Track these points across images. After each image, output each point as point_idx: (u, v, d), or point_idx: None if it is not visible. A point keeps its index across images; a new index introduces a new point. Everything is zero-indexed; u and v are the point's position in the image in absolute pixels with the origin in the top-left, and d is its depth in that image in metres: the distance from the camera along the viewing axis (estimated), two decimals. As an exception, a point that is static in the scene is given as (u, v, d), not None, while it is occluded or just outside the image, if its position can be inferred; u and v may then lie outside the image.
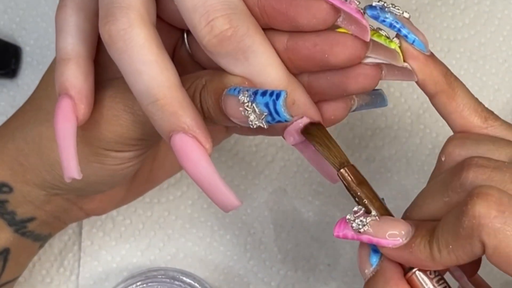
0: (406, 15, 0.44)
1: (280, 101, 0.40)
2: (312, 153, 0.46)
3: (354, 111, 0.48)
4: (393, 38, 0.44)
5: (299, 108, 0.44)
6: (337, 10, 0.42)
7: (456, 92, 0.44)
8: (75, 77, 0.45)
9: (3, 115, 0.61)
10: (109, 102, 0.46)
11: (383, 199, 0.43)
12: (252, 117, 0.41)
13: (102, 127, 0.46)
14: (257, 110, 0.41)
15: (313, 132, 0.44)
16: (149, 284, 0.58)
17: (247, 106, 0.41)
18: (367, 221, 0.42)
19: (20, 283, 0.58)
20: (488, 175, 0.40)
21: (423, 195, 0.43)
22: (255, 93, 0.41)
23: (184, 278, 0.58)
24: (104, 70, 0.47)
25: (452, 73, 0.45)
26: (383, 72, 0.44)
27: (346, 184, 0.43)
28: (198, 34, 0.42)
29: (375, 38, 0.43)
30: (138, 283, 0.58)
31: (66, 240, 0.60)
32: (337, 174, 0.43)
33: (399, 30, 0.43)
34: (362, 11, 0.42)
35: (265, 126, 0.41)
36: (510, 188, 0.39)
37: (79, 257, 0.60)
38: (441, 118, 0.60)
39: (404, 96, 0.60)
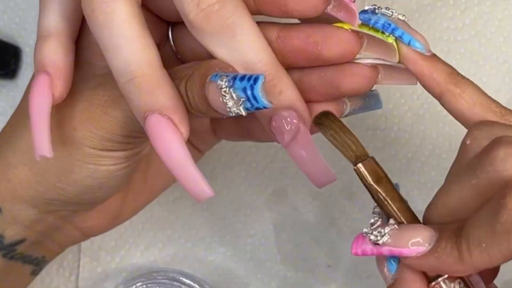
0: (401, 17, 0.42)
1: (258, 86, 0.38)
2: (303, 153, 0.43)
3: (346, 116, 0.46)
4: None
5: (286, 98, 0.42)
6: None
7: (464, 90, 0.41)
8: (55, 53, 0.44)
9: (3, 116, 0.61)
10: (98, 100, 0.45)
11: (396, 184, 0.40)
12: (230, 103, 0.39)
13: (93, 125, 0.45)
14: (234, 96, 0.38)
15: (326, 123, 0.41)
16: (149, 285, 0.58)
17: (225, 91, 0.39)
18: (386, 231, 0.39)
19: (20, 284, 0.58)
20: None
21: (448, 184, 0.39)
22: (234, 78, 0.38)
23: (184, 279, 0.58)
24: (91, 67, 0.46)
25: (458, 73, 0.42)
26: (379, 75, 0.43)
27: (362, 182, 0.40)
28: (185, 8, 0.41)
29: (371, 33, 0.42)
30: (137, 284, 0.58)
31: (66, 241, 0.60)
32: (354, 169, 0.40)
33: (393, 31, 0.42)
34: None
35: (243, 113, 0.39)
36: None
37: (78, 257, 0.60)
38: (442, 119, 0.60)
39: (405, 97, 0.60)
